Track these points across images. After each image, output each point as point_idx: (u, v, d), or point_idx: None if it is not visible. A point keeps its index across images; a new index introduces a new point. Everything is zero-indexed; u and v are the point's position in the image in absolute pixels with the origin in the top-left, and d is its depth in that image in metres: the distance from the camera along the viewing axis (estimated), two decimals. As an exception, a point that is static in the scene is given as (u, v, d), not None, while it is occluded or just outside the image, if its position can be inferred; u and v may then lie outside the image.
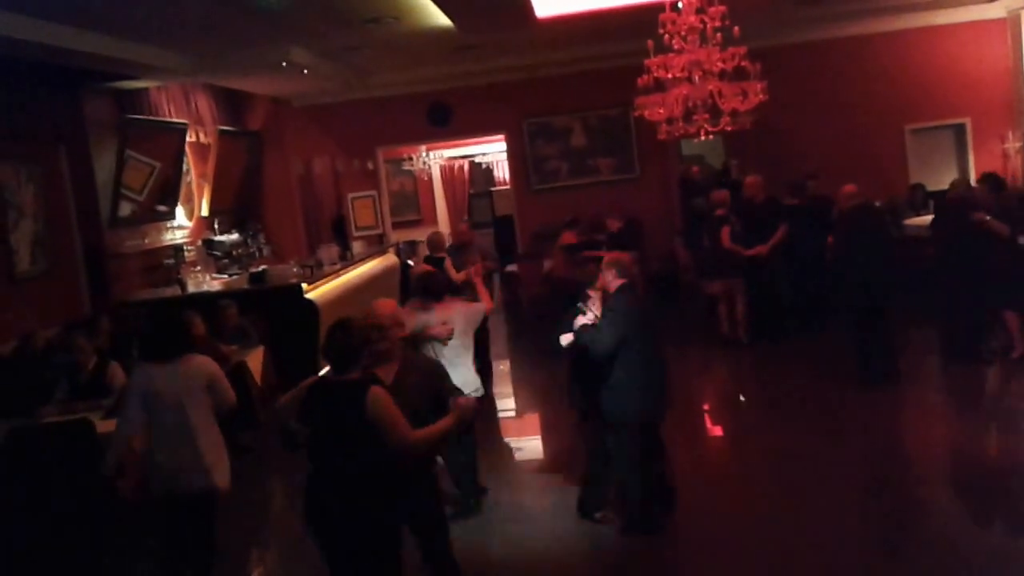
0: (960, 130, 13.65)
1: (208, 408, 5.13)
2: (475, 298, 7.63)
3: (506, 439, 8.52)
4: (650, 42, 8.44)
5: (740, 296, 10.11)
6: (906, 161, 13.49)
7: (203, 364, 5.22)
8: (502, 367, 10.68)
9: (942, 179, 13.24)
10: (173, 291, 10.34)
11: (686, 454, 6.85)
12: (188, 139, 11.54)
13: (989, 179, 9.67)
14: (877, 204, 10.08)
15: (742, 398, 9.04)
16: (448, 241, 10.59)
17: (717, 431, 8.28)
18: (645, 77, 8.56)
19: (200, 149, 12.29)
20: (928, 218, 11.06)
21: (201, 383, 5.11)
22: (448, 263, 9.25)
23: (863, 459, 6.89)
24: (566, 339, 5.69)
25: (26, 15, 7.15)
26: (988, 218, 8.29)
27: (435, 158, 18.07)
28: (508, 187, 15.81)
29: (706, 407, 8.83)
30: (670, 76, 8.50)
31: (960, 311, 8.57)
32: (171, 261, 11.02)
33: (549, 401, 8.84)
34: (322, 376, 4.29)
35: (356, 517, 4.01)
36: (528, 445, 8.48)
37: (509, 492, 6.79)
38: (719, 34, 8.27)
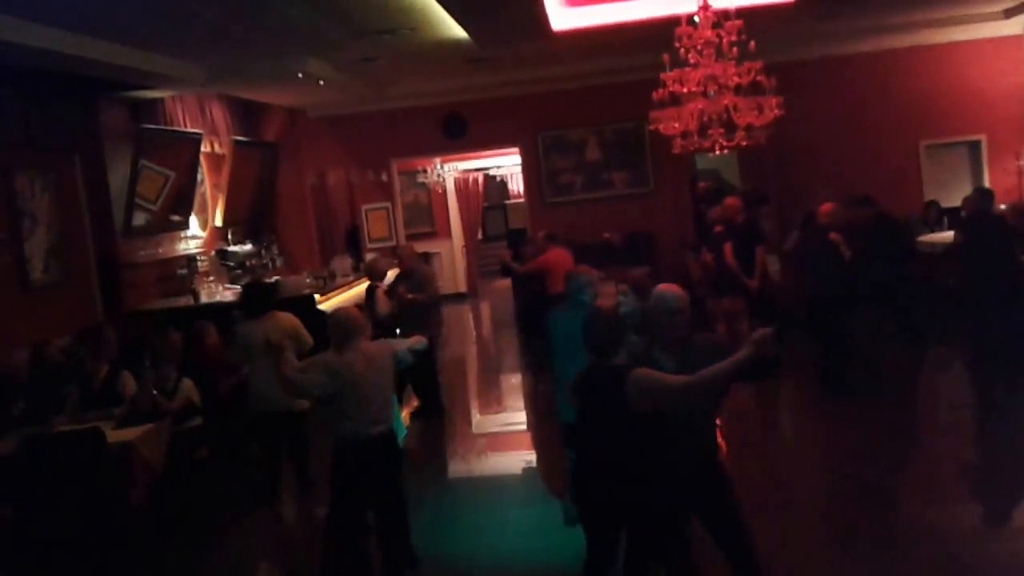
0: (975, 147, 13.59)
1: (290, 352, 6.11)
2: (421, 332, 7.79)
3: (514, 453, 8.50)
4: (666, 56, 8.42)
5: (741, 316, 9.84)
6: (921, 177, 13.42)
7: (284, 319, 7.02)
8: (513, 380, 10.64)
9: (957, 196, 13.15)
10: (186, 301, 10.35)
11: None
12: (203, 149, 11.57)
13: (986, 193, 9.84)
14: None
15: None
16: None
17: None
18: (660, 91, 8.53)
19: (215, 159, 12.33)
20: (942, 235, 11.04)
21: (283, 333, 6.62)
22: (379, 292, 9.07)
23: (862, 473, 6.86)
24: None
25: (43, 24, 7.19)
26: None
27: (449, 170, 18.08)
28: (522, 200, 15.80)
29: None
30: (685, 90, 8.47)
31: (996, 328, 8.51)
32: (184, 271, 11.03)
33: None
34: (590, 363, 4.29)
35: (625, 503, 4.06)
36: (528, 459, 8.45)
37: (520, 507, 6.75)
38: (735, 48, 8.24)
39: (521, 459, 8.42)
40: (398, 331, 8.94)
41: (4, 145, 8.29)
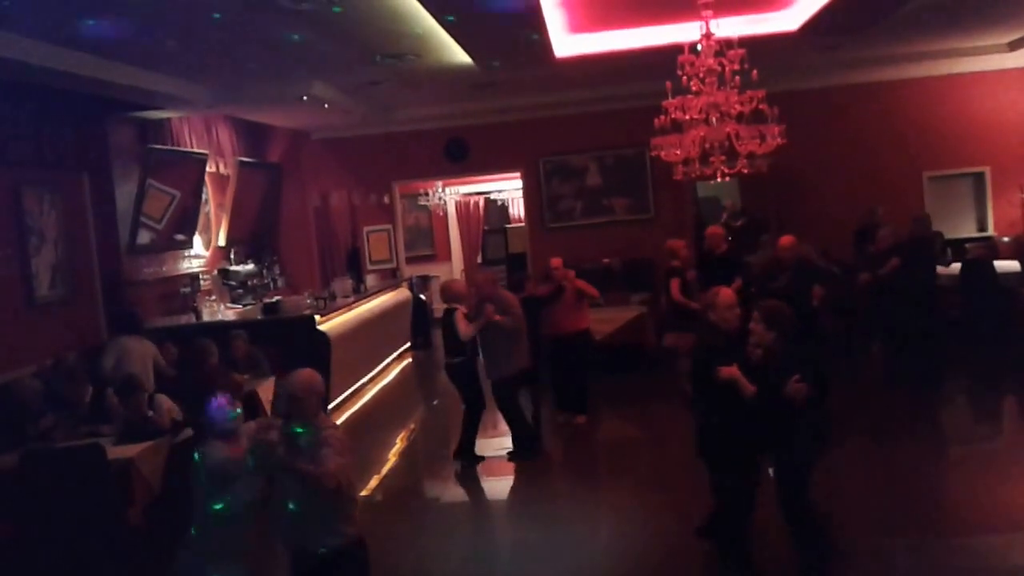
0: (979, 179, 13.63)
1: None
2: None
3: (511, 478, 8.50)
4: (668, 83, 8.49)
5: (686, 351, 9.65)
6: (924, 209, 13.45)
7: (148, 344, 8.31)
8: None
9: (961, 228, 13.24)
10: (188, 319, 10.40)
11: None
12: (208, 169, 11.65)
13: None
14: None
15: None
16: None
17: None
18: (662, 118, 8.58)
19: (219, 179, 12.41)
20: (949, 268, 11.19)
21: (146, 354, 8.15)
22: (459, 315, 8.30)
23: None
24: None
25: (54, 44, 7.27)
26: None
27: (451, 194, 18.16)
28: (522, 224, 15.85)
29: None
30: (687, 117, 8.53)
31: None
32: (187, 289, 11.09)
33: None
34: None
35: None
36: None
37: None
38: (737, 77, 8.30)
39: (519, 483, 8.41)
40: (480, 356, 8.59)
41: (14, 162, 8.36)
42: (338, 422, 10.29)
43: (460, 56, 9.55)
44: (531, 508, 7.56)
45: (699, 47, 8.36)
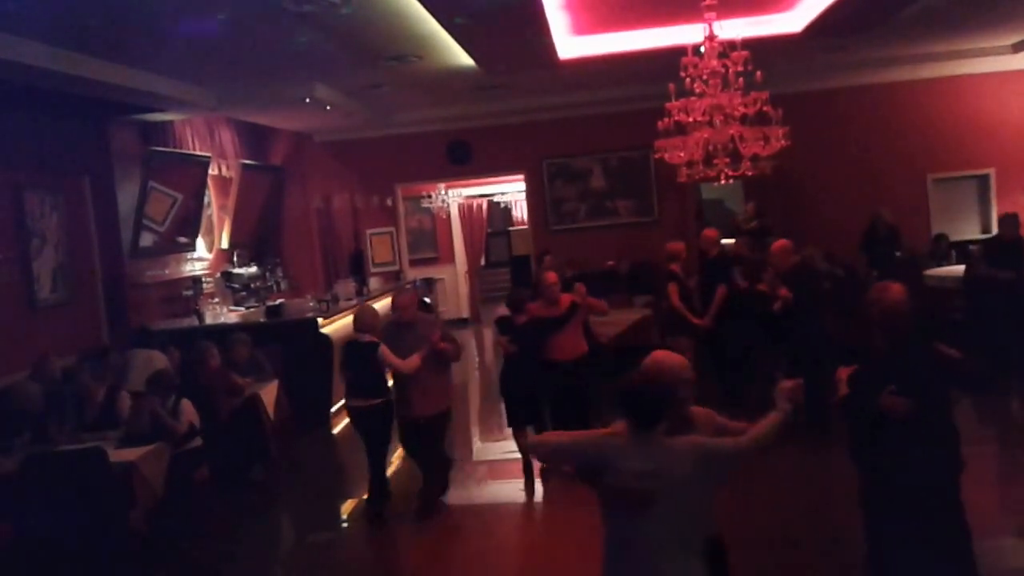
0: (984, 181, 13.58)
1: None
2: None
3: (516, 481, 8.46)
4: (672, 85, 8.47)
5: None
6: (928, 211, 13.43)
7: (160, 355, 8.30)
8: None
9: (965, 230, 13.17)
10: (191, 322, 10.38)
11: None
12: (210, 172, 11.64)
13: None
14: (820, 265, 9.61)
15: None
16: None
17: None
18: (666, 120, 8.57)
19: (222, 182, 12.40)
20: (950, 269, 11.09)
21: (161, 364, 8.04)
22: (383, 349, 6.89)
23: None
24: None
25: (56, 46, 7.26)
26: None
27: (453, 196, 18.13)
28: (526, 227, 15.83)
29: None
30: (691, 120, 8.52)
31: None
32: (190, 292, 11.07)
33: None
34: None
35: None
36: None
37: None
38: (741, 79, 8.29)
39: (521, 486, 8.37)
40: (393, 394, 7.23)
41: (15, 165, 8.36)
42: (340, 426, 10.34)
43: (462, 58, 9.54)
44: (534, 512, 7.53)
45: (702, 49, 8.35)
